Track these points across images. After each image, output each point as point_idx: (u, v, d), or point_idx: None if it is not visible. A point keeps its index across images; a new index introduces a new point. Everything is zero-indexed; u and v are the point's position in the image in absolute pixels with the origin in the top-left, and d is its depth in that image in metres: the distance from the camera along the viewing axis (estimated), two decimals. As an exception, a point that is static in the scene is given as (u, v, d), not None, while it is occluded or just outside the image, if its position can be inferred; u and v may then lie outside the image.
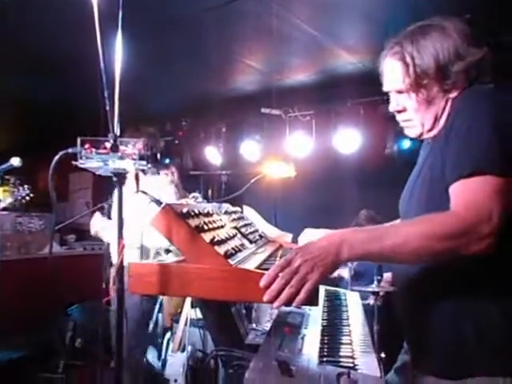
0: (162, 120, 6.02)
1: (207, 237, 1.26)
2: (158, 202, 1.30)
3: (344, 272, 3.98)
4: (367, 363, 1.26)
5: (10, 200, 3.44)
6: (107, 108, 1.13)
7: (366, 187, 4.86)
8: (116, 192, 1.25)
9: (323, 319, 1.74)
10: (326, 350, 1.35)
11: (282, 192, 4.16)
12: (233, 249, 1.31)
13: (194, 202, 1.96)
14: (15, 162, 2.89)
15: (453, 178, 1.09)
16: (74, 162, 1.20)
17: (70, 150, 1.22)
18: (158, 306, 3.52)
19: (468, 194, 1.04)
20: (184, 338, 3.40)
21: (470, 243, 1.01)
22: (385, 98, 1.49)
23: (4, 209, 3.56)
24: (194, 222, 1.28)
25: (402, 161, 4.56)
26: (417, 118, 1.33)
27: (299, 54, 4.32)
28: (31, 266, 4.87)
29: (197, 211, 1.38)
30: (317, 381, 1.07)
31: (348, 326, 1.66)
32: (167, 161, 6.17)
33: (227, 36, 3.81)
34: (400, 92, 1.34)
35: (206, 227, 1.32)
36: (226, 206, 1.98)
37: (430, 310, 1.23)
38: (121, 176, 1.23)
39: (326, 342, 1.43)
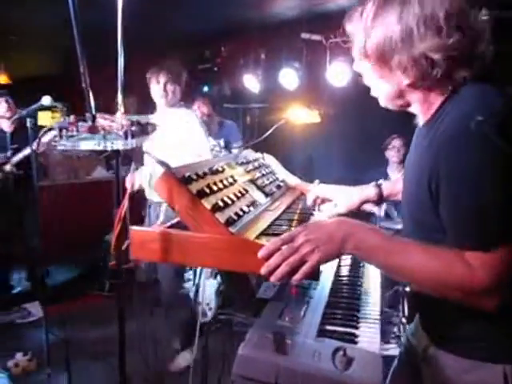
0: (200, 46, 5.87)
1: (210, 202, 1.23)
2: (163, 164, 1.26)
3: (375, 209, 3.86)
4: (369, 335, 1.23)
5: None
6: (83, 85, 1.05)
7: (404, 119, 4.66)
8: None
9: (336, 276, 1.71)
10: (329, 317, 1.32)
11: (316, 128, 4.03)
12: (236, 214, 1.27)
13: (214, 149, 1.90)
14: (46, 101, 2.82)
15: (463, 244, 0.99)
16: (53, 143, 1.15)
17: (55, 125, 1.18)
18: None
19: (486, 260, 0.96)
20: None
21: (475, 302, 0.98)
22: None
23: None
24: (196, 187, 1.24)
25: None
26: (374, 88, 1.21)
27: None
28: (80, 190, 5.48)
29: (201, 173, 1.33)
30: (311, 358, 1.05)
31: (361, 285, 1.62)
32: (206, 89, 6.09)
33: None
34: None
35: (209, 191, 1.28)
36: (245, 155, 1.92)
37: None
38: (117, 152, 1.18)
39: (331, 306, 1.40)
